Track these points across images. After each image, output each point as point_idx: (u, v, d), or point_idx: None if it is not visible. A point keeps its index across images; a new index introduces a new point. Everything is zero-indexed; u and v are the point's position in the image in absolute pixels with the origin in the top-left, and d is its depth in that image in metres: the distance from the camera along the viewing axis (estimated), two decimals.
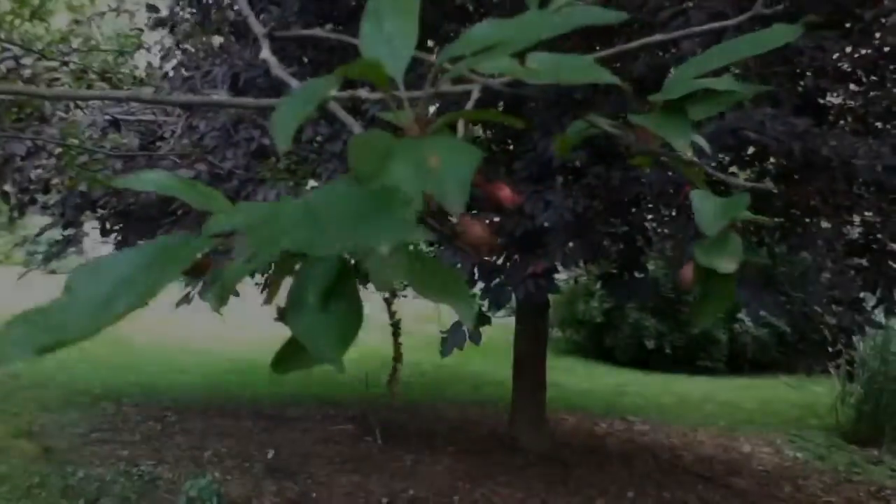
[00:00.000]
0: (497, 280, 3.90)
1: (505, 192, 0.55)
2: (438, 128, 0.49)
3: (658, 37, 0.64)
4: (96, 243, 6.02)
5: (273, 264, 0.45)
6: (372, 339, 12.54)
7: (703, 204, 0.58)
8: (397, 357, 5.93)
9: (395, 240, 0.36)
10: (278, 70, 0.63)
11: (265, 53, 0.67)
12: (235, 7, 4.98)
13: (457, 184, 0.40)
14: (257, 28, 0.76)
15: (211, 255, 0.45)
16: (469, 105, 0.60)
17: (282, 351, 0.48)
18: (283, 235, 0.37)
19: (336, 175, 4.14)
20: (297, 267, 0.43)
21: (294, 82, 0.61)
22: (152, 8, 5.41)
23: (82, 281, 0.40)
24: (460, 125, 0.57)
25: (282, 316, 0.43)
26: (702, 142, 0.61)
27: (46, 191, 4.80)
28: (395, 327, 5.78)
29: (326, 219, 0.38)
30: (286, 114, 0.44)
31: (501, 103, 4.74)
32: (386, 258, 0.40)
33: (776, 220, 4.26)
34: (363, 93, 0.55)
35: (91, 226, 5.62)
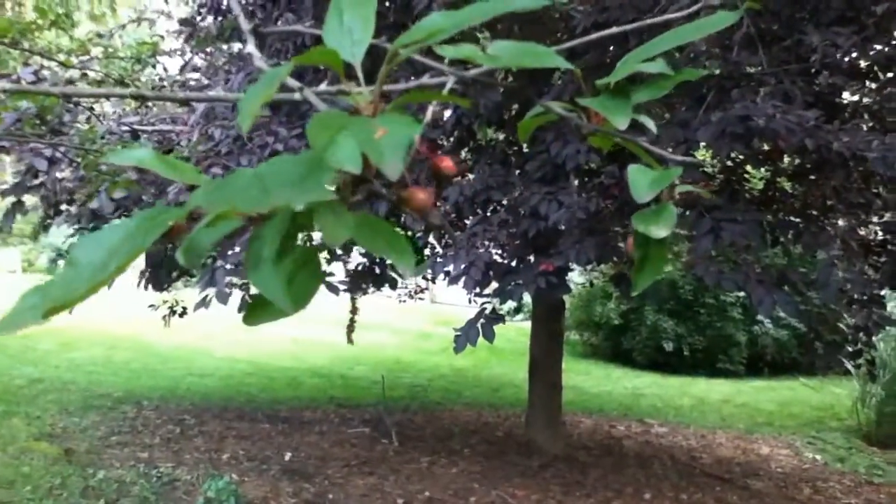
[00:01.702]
0: (511, 281, 3.92)
1: (447, 163, 0.59)
2: (392, 109, 0.54)
3: (614, 29, 0.67)
4: None
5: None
6: (388, 343, 12.60)
7: (637, 175, 0.62)
8: (353, 311, 7.16)
9: (309, 200, 0.45)
10: (260, 62, 0.66)
11: (250, 47, 0.70)
12: (258, 17, 5.05)
13: (394, 151, 0.46)
14: (244, 24, 0.80)
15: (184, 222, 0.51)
16: (444, 91, 0.63)
17: (252, 305, 0.53)
18: (234, 195, 0.45)
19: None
20: (254, 230, 0.48)
21: (265, 67, 0.65)
22: (187, 22, 5.49)
23: (83, 252, 0.47)
24: (428, 112, 0.60)
25: (243, 274, 0.48)
26: (649, 123, 0.64)
27: (70, 202, 4.88)
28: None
29: (270, 183, 0.46)
30: (249, 98, 0.51)
31: (516, 106, 4.77)
32: (335, 216, 0.45)
33: (791, 219, 4.24)
34: (352, 87, 0.58)
35: None
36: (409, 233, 5.07)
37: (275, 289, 0.48)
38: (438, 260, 4.16)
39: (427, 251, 6.14)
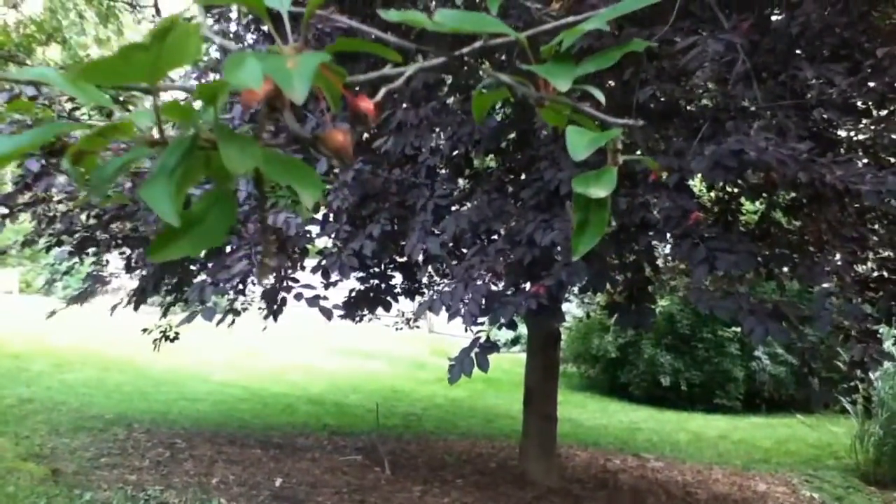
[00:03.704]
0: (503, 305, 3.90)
1: (366, 103, 0.60)
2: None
3: (570, 18, 0.69)
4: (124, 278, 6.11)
5: None
6: (385, 371, 12.50)
7: (575, 135, 0.64)
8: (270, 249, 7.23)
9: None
10: (208, 32, 0.69)
11: (199, 18, 0.73)
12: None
13: (301, 75, 0.48)
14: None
15: (71, 139, 0.55)
16: (400, 81, 0.65)
17: (156, 240, 0.53)
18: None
19: (347, 200, 4.20)
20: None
21: (218, 39, 0.67)
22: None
23: None
24: (380, 94, 0.62)
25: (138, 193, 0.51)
26: (597, 93, 0.66)
27: (64, 215, 4.92)
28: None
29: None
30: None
31: (514, 134, 4.81)
32: (241, 146, 0.49)
33: (786, 252, 4.25)
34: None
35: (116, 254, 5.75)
36: (406, 258, 5.06)
37: (161, 201, 0.49)
38: (435, 297, 4.13)
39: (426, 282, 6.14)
